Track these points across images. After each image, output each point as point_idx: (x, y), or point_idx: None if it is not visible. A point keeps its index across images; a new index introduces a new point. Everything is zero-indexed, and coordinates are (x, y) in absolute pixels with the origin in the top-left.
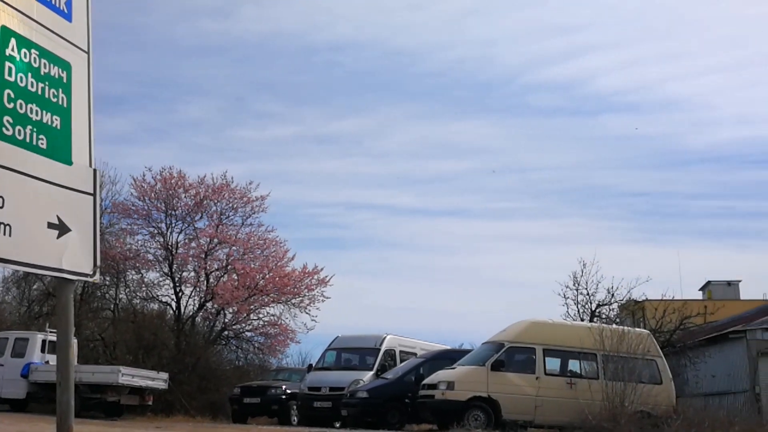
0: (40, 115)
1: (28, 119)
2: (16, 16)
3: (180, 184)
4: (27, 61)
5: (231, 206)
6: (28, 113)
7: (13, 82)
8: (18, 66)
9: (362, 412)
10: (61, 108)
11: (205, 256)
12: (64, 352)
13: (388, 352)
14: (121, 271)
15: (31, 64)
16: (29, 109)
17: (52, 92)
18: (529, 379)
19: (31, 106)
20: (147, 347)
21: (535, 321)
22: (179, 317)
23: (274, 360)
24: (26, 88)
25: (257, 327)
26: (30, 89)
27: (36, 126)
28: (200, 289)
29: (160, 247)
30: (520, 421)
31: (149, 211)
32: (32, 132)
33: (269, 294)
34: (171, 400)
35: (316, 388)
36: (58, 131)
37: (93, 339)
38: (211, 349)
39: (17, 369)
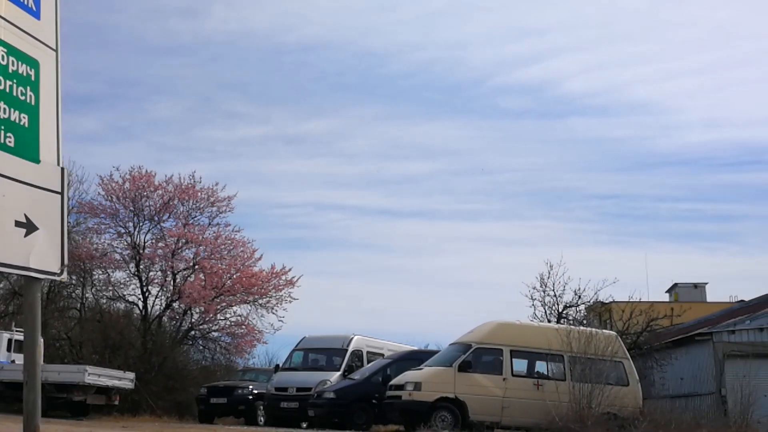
0: (8, 113)
1: None
2: None
3: (149, 184)
4: None
5: (198, 206)
6: None
7: None
8: None
9: (329, 412)
10: (29, 106)
11: (172, 255)
12: (31, 351)
13: (355, 353)
14: (88, 271)
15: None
16: None
17: (20, 90)
18: (496, 380)
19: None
20: (113, 347)
21: (503, 322)
22: (146, 317)
23: (241, 360)
24: None
25: (224, 327)
26: None
27: (4, 124)
28: (167, 288)
29: (127, 246)
30: (487, 422)
31: (117, 210)
32: (0, 130)
33: (236, 294)
34: (137, 400)
35: (283, 389)
36: (26, 129)
37: (59, 338)
38: (177, 348)
39: None
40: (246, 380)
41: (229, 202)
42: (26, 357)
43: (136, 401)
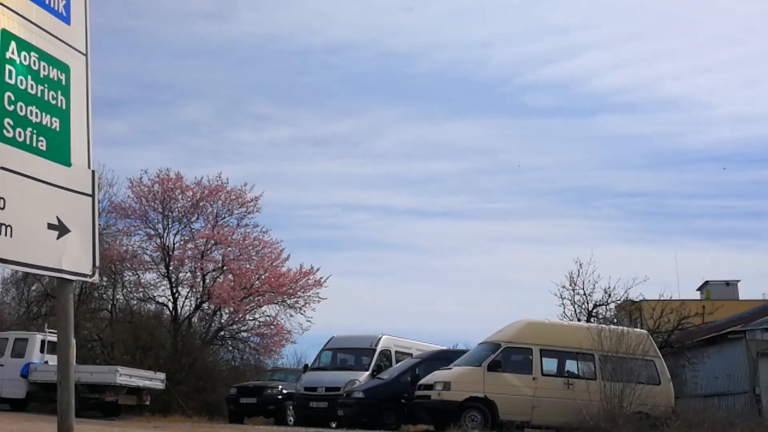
0: (40, 117)
1: (28, 121)
2: (15, 20)
3: (177, 186)
4: (27, 64)
5: (226, 208)
6: (28, 115)
7: (13, 84)
8: (18, 69)
9: (358, 412)
10: (60, 110)
11: (201, 257)
12: (64, 352)
13: (383, 353)
14: (119, 272)
15: (30, 66)
16: (29, 111)
17: (51, 94)
18: (525, 379)
19: (31, 109)
20: (144, 347)
21: (532, 321)
22: (176, 318)
23: (270, 360)
24: (26, 90)
25: (253, 327)
26: (30, 92)
27: (36, 128)
28: (197, 289)
29: (157, 248)
30: (517, 422)
31: (146, 212)
32: (32, 134)
33: (265, 294)
34: (168, 400)
35: (312, 389)
36: (58, 133)
37: (91, 339)
38: (207, 349)
39: (17, 369)
40: (275, 380)
41: (256, 202)
42: (59, 358)
43: (166, 401)
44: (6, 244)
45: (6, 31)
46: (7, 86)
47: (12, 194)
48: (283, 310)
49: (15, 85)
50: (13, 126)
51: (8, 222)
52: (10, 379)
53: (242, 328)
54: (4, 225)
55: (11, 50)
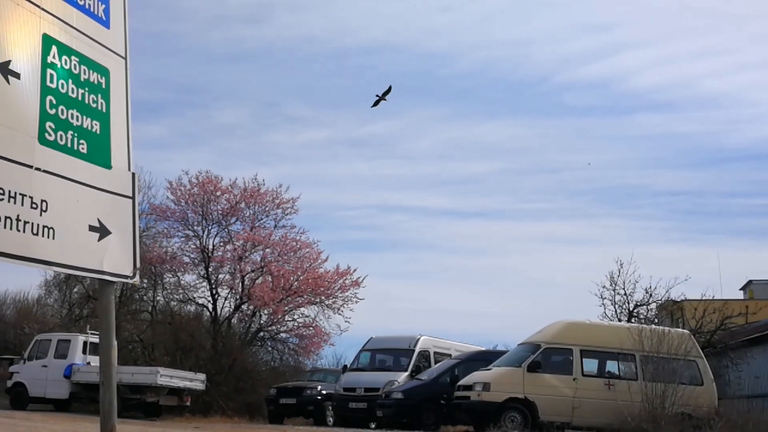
0: (81, 121)
1: (69, 124)
2: (56, 24)
3: (215, 188)
4: (67, 68)
5: (264, 209)
6: (69, 119)
7: (54, 88)
8: (59, 73)
9: (397, 413)
10: (100, 113)
11: (240, 258)
12: (106, 353)
13: (422, 353)
14: (159, 274)
15: (71, 70)
16: (70, 114)
17: (91, 98)
18: (566, 380)
19: (72, 112)
20: (184, 348)
21: (572, 321)
22: (216, 319)
23: (309, 361)
24: (67, 94)
25: (292, 328)
26: (71, 95)
27: (77, 131)
28: (236, 291)
29: (196, 249)
30: (557, 423)
31: (185, 214)
32: (73, 137)
33: (303, 295)
34: (208, 401)
35: (351, 389)
36: (98, 136)
37: (132, 341)
38: (247, 350)
39: (60, 370)
40: (314, 381)
41: (293, 203)
42: (101, 359)
43: (207, 402)
44: (48, 246)
45: (47, 35)
46: (49, 90)
47: (54, 197)
48: (322, 311)
49: (56, 89)
50: (55, 129)
51: (50, 224)
52: (54, 380)
53: (281, 329)
54: (47, 227)
55: (52, 54)
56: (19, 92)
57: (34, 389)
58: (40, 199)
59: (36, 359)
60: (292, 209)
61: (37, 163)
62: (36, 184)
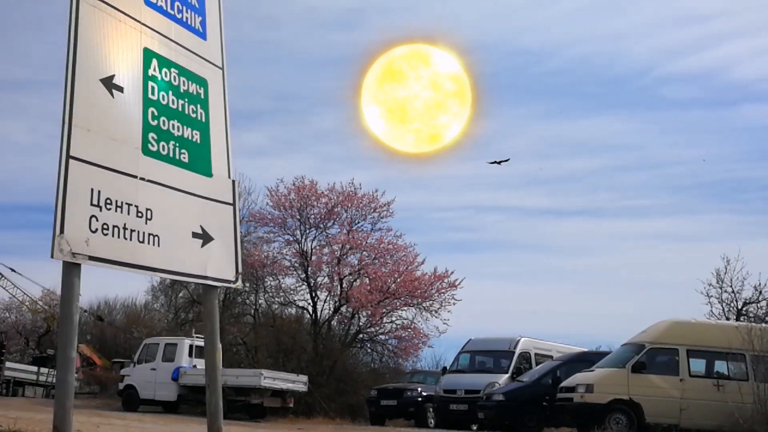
0: (182, 131)
1: (171, 135)
2: (156, 38)
3: (312, 193)
4: (168, 80)
5: (360, 213)
6: (171, 129)
7: (156, 100)
8: (160, 85)
9: (499, 415)
10: (200, 123)
11: (338, 261)
12: (211, 356)
13: (522, 355)
14: (260, 278)
15: (171, 82)
16: (171, 125)
17: (191, 108)
18: (672, 381)
19: (173, 123)
20: (286, 351)
21: (678, 321)
22: (316, 321)
23: (408, 363)
24: (168, 105)
25: (391, 330)
26: (171, 106)
27: (178, 141)
28: (334, 293)
29: (295, 253)
30: (664, 425)
31: (284, 219)
32: (175, 147)
33: (401, 298)
34: (311, 403)
35: (451, 391)
36: (199, 145)
37: (236, 343)
38: (347, 352)
39: (168, 373)
40: (414, 382)
41: (389, 207)
42: (207, 362)
43: (309, 404)
44: (154, 253)
45: (148, 49)
46: (151, 102)
47: (158, 205)
48: (420, 313)
49: (157, 100)
50: (157, 140)
51: (156, 232)
52: (162, 383)
53: (380, 331)
54: (152, 235)
55: (153, 67)
56: (123, 105)
57: (144, 392)
58: (145, 208)
59: (145, 362)
60: (387, 212)
61: (142, 173)
62: (141, 193)
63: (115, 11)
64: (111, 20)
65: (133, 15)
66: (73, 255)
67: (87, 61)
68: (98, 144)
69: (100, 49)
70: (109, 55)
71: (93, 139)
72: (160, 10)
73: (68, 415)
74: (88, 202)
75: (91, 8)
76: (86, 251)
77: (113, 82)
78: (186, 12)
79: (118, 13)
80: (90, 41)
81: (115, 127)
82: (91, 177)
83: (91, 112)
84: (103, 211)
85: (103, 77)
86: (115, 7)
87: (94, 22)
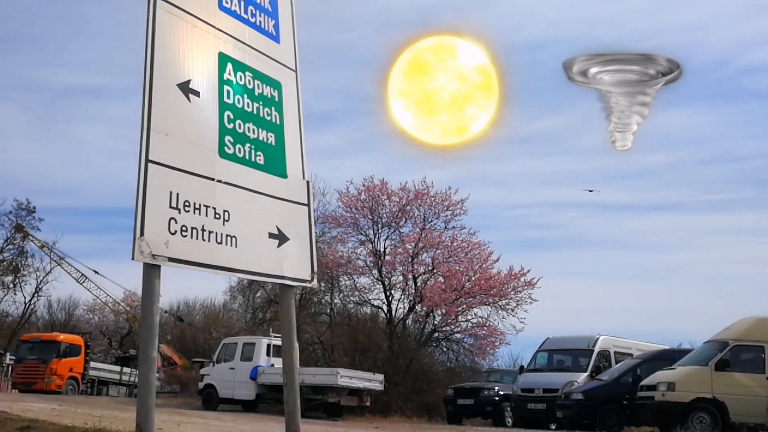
0: (257, 133)
1: (246, 137)
2: (230, 42)
3: (383, 192)
4: (242, 83)
5: (433, 211)
6: (246, 132)
7: (231, 104)
8: (235, 89)
9: (578, 414)
10: (274, 125)
11: (411, 260)
12: (288, 355)
13: (602, 353)
14: (335, 277)
15: (246, 85)
16: (247, 128)
17: (266, 111)
18: (758, 379)
19: (249, 125)
20: (362, 350)
21: (763, 317)
22: (391, 320)
23: (485, 362)
24: (243, 108)
25: (466, 329)
26: (246, 109)
27: (253, 143)
28: (409, 292)
29: (369, 253)
30: (749, 424)
31: (356, 219)
32: (251, 149)
33: (476, 296)
34: (387, 401)
35: (529, 390)
36: (273, 147)
37: (312, 342)
38: (422, 350)
39: (246, 372)
40: (491, 381)
41: (462, 204)
42: (284, 361)
43: (386, 402)
44: (232, 253)
45: (222, 53)
46: (226, 105)
47: (235, 207)
48: (495, 311)
49: (233, 104)
50: (233, 143)
51: (233, 233)
52: (241, 382)
53: (455, 330)
54: (230, 236)
55: (228, 71)
56: (199, 109)
57: (223, 390)
58: (223, 210)
59: (224, 362)
60: (461, 210)
61: (219, 175)
62: (218, 195)
63: (191, 17)
64: (187, 26)
65: (208, 20)
66: (153, 257)
67: (164, 66)
68: (176, 148)
69: (176, 54)
70: (185, 61)
71: (171, 143)
72: (234, 14)
73: (150, 413)
74: (167, 204)
75: (168, 15)
76: (166, 253)
77: (190, 86)
78: (259, 16)
79: (194, 18)
80: (167, 47)
81: (192, 131)
82: (170, 180)
83: (168, 116)
84: (181, 213)
85: (180, 82)
86: (190, 13)
87: (171, 28)
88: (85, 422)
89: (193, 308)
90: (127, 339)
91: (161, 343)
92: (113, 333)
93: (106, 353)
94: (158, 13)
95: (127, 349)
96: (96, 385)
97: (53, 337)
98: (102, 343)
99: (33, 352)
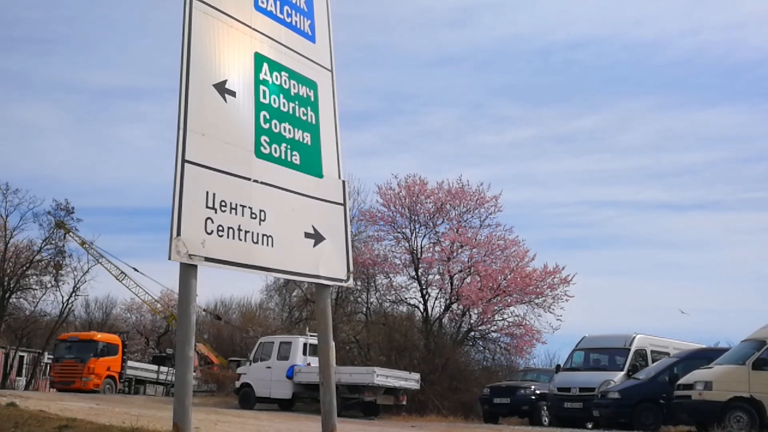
0: (293, 133)
1: (282, 137)
2: (266, 42)
3: (422, 191)
4: (278, 83)
5: (468, 209)
6: (282, 132)
7: (267, 104)
8: (271, 89)
9: (615, 413)
10: (310, 125)
11: (448, 259)
12: (324, 354)
13: (638, 352)
14: (371, 276)
15: (281, 85)
16: (283, 128)
17: (301, 111)
18: None
19: (284, 125)
20: (398, 348)
21: None
22: (427, 319)
23: (521, 360)
24: (279, 108)
25: (502, 327)
26: (282, 109)
27: (289, 143)
28: (445, 291)
29: (405, 251)
30: None
31: (394, 217)
32: (286, 149)
33: (512, 294)
34: (423, 400)
35: (565, 389)
36: (309, 147)
37: (348, 341)
38: (459, 349)
39: (283, 371)
40: (528, 380)
41: (496, 201)
42: (321, 360)
43: (422, 401)
44: (269, 253)
45: (258, 53)
46: (262, 105)
47: (271, 207)
48: (532, 310)
49: (269, 104)
50: (269, 143)
51: (269, 233)
52: (278, 381)
53: (491, 329)
54: (266, 236)
55: (264, 71)
56: (236, 109)
57: (260, 389)
58: (259, 209)
59: (261, 361)
60: (495, 208)
61: (255, 175)
62: (254, 195)
63: (227, 17)
64: (222, 26)
65: (243, 20)
66: (190, 256)
67: (200, 67)
68: (212, 148)
69: (212, 55)
70: (221, 61)
71: (207, 143)
72: (270, 14)
73: (187, 412)
74: (203, 204)
75: (204, 15)
76: (202, 252)
77: (226, 86)
78: (295, 16)
79: (230, 18)
80: (203, 47)
81: (228, 131)
82: (206, 180)
83: (204, 116)
84: (218, 213)
85: (216, 82)
86: (226, 13)
87: (207, 28)
88: (122, 421)
89: (230, 307)
90: (164, 338)
91: (198, 342)
92: (150, 332)
93: (143, 352)
94: (194, 13)
95: (164, 348)
96: (133, 384)
97: (91, 336)
98: (139, 342)
99: (71, 351)
